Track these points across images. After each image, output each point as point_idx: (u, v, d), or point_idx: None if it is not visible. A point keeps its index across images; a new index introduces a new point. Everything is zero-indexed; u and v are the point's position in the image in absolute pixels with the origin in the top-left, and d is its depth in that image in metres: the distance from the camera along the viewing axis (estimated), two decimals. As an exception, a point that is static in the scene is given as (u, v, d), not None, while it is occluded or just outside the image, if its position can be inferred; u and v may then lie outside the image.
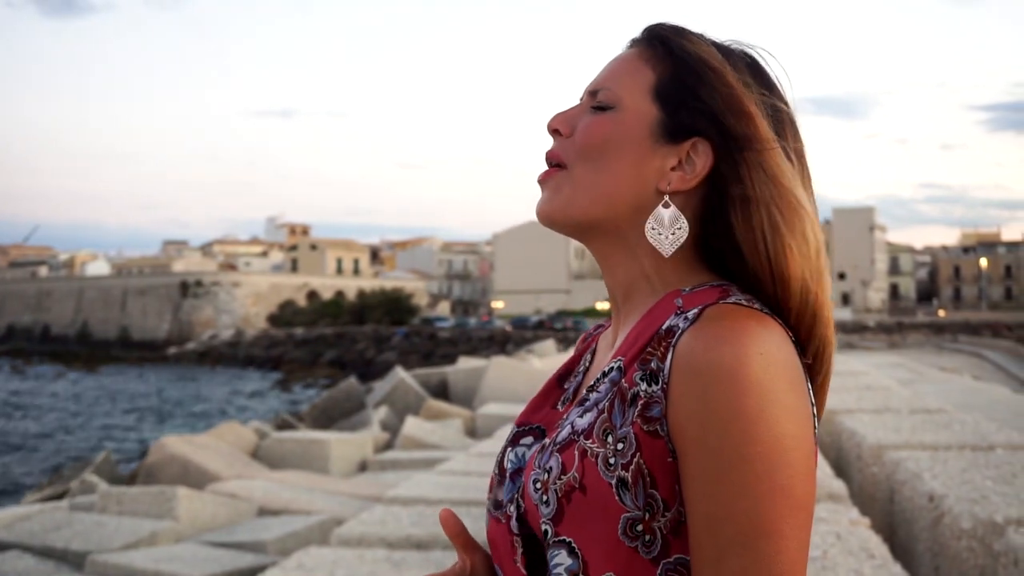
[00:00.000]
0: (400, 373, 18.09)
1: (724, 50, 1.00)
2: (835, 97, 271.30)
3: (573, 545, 0.90)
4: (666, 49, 1.00)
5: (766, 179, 0.94)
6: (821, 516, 3.91)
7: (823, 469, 4.94)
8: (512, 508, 0.97)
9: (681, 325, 0.90)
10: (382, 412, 14.94)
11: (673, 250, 0.98)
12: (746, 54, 1.01)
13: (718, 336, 0.86)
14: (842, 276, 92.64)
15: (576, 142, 1.01)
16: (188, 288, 77.28)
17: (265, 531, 6.97)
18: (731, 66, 0.98)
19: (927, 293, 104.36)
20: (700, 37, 1.01)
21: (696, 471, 0.85)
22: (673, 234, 0.97)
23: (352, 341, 59.63)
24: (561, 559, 0.91)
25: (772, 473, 0.83)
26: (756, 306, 0.91)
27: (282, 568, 4.47)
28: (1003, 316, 65.34)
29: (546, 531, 0.91)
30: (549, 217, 1.03)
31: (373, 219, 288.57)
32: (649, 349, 0.92)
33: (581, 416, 0.94)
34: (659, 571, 0.88)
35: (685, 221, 0.97)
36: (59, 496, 11.41)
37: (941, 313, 75.33)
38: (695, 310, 0.91)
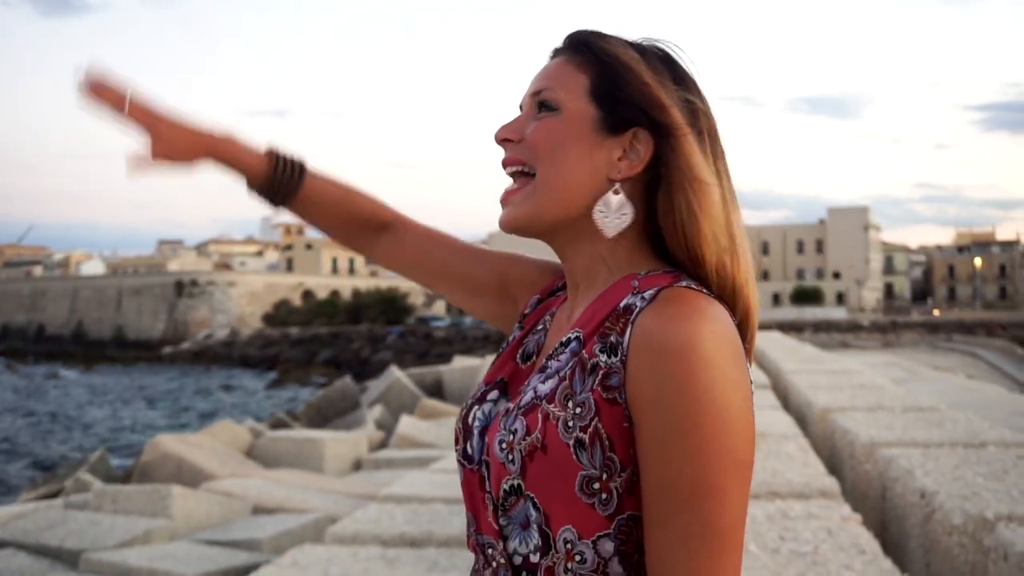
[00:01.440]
0: (395, 372, 18.08)
1: (639, 48, 1.09)
2: (829, 96, 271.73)
3: (536, 500, 0.99)
4: (591, 52, 1.09)
5: (682, 164, 1.04)
6: (813, 512, 3.92)
7: (816, 467, 4.95)
8: (483, 468, 1.06)
9: (639, 304, 1.00)
10: (377, 411, 14.95)
11: (615, 233, 1.07)
12: (659, 49, 1.10)
13: (674, 315, 0.96)
14: (837, 275, 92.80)
15: (529, 145, 1.09)
16: (183, 288, 77.22)
17: (259, 529, 6.97)
18: (646, 62, 1.07)
19: (922, 292, 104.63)
20: (616, 38, 1.10)
21: (650, 437, 0.94)
22: (618, 219, 1.06)
23: (347, 340, 59.54)
24: (527, 512, 1.00)
25: (719, 438, 0.93)
26: (704, 290, 1.01)
27: (276, 566, 4.48)
28: (997, 315, 65.47)
29: (515, 486, 1.00)
30: (517, 225, 1.11)
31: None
32: (607, 324, 1.01)
33: (543, 382, 1.03)
34: (613, 526, 0.97)
35: (631, 209, 1.07)
36: (54, 495, 11.39)
37: (936, 312, 75.43)
38: (652, 291, 1.01)
